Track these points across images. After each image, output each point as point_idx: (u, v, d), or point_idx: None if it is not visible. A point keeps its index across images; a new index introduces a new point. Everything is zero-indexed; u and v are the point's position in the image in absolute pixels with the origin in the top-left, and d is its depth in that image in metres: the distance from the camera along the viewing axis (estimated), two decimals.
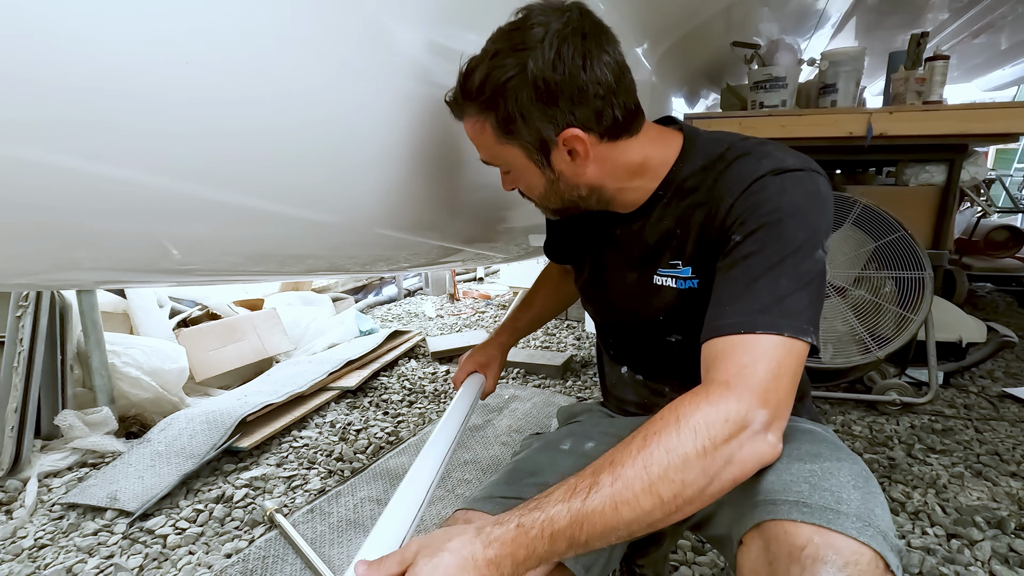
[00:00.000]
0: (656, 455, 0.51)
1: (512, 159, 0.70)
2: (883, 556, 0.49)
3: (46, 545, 1.36)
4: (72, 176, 0.48)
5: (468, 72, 0.65)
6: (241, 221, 0.72)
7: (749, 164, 0.65)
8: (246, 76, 0.55)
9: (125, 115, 0.47)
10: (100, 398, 1.80)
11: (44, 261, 0.68)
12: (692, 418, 0.52)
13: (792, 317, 0.56)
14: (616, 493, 0.50)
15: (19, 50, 0.38)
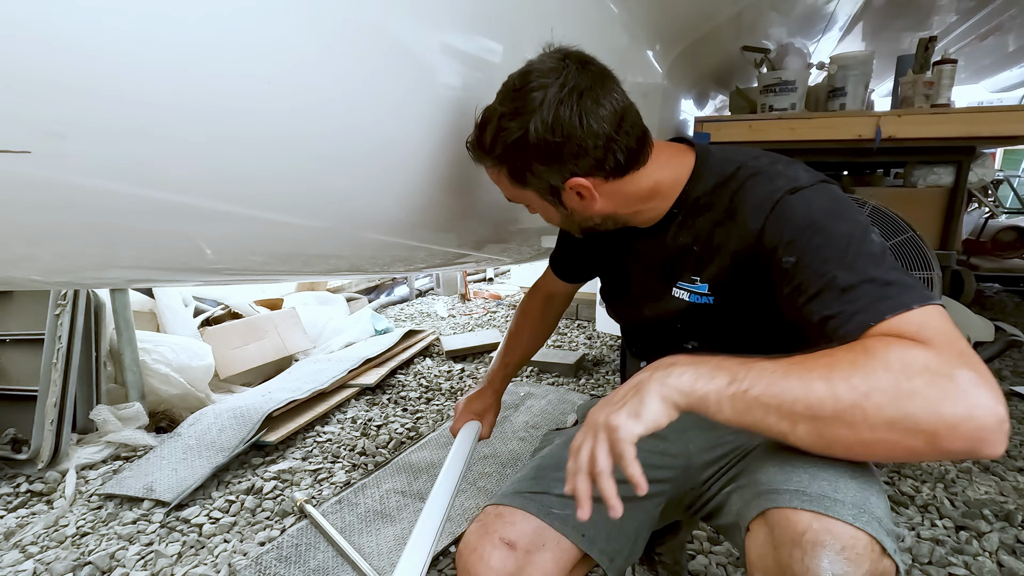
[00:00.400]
0: (838, 368, 0.50)
1: (528, 199, 0.78)
2: (879, 540, 0.52)
3: (88, 533, 1.42)
4: (123, 180, 0.53)
5: (481, 128, 0.73)
6: (276, 223, 0.77)
7: (763, 185, 0.68)
8: (295, 93, 0.60)
9: (180, 125, 0.51)
10: (132, 394, 1.86)
11: (88, 259, 0.72)
12: (881, 351, 0.50)
13: (909, 288, 0.54)
14: (792, 371, 0.51)
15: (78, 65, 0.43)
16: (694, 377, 0.55)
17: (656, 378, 0.57)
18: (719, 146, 0.79)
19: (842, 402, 0.48)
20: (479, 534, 0.73)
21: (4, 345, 1.84)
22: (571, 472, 0.58)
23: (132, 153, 0.50)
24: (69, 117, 0.43)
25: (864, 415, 0.48)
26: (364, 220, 0.88)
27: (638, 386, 0.57)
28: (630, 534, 0.78)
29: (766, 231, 0.66)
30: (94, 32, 0.41)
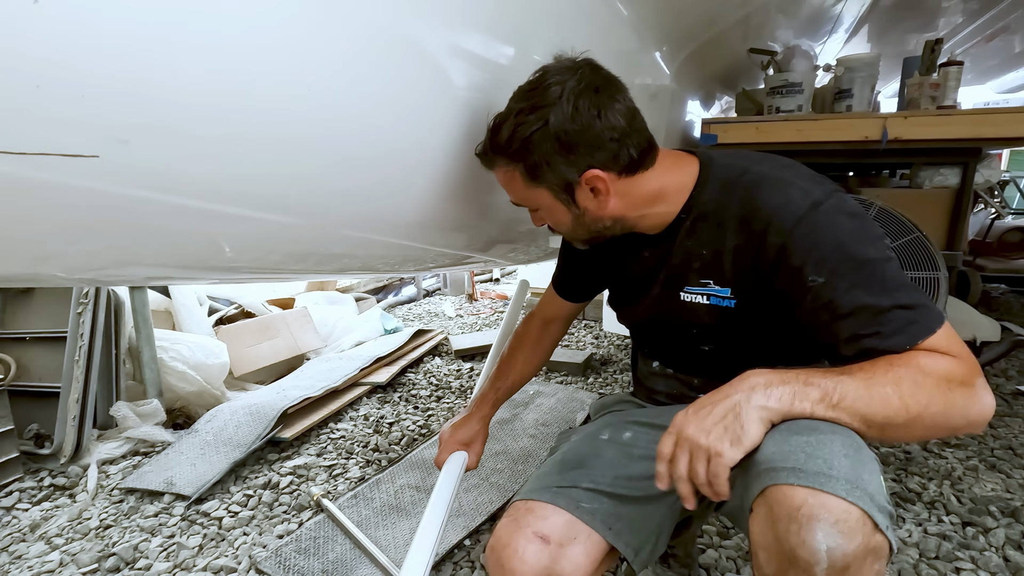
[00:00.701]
0: (904, 384, 0.60)
1: (540, 200, 0.78)
2: (870, 515, 0.55)
3: (110, 526, 1.46)
4: (173, 183, 0.56)
5: (496, 128, 0.75)
6: (299, 224, 0.80)
7: (776, 194, 0.71)
8: (328, 99, 0.63)
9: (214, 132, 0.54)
10: (150, 391, 1.90)
11: (112, 256, 0.75)
12: (930, 368, 0.61)
13: (929, 313, 0.65)
14: (873, 387, 0.61)
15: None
16: (792, 397, 0.61)
17: (755, 400, 0.61)
18: (718, 152, 0.82)
19: (911, 413, 0.60)
20: (511, 529, 0.75)
21: (25, 343, 1.88)
22: (664, 474, 0.64)
23: (184, 157, 0.53)
24: (133, 124, 0.46)
25: (922, 422, 0.60)
26: (384, 221, 0.91)
27: (735, 408, 0.61)
28: (653, 528, 0.80)
29: (792, 247, 0.69)
30: (158, 46, 0.44)
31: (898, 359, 0.62)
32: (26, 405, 1.77)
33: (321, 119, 0.62)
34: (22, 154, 0.41)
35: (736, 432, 0.60)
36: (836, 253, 0.67)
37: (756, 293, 0.75)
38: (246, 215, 0.68)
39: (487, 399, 1.06)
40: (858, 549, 0.54)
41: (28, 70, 0.38)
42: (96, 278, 1.46)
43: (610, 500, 0.79)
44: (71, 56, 0.39)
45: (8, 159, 0.42)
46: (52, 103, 0.40)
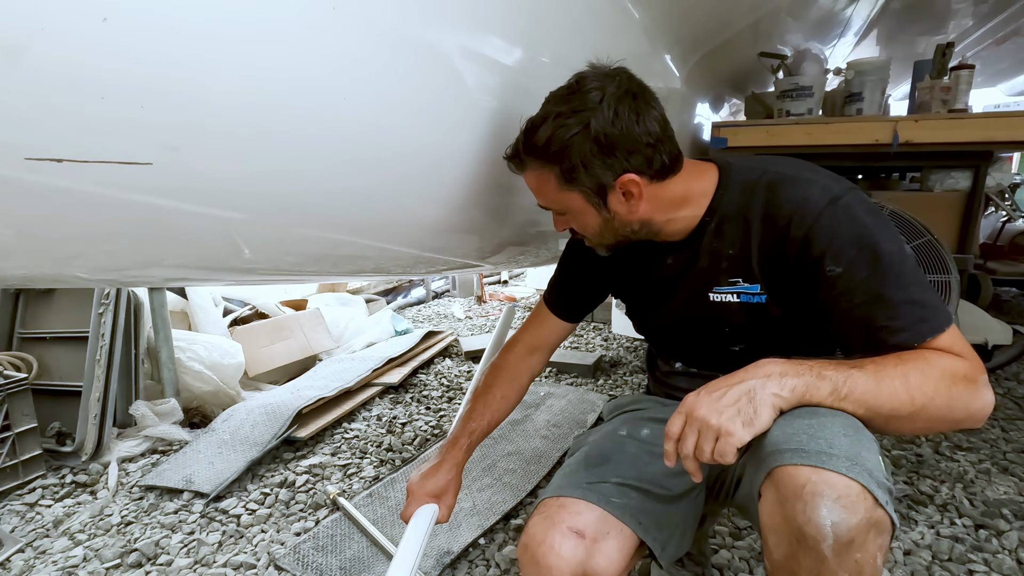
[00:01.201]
0: (911, 376, 0.63)
1: (571, 203, 0.79)
2: (870, 490, 0.57)
3: (132, 522, 1.49)
4: (215, 189, 0.58)
5: (531, 131, 0.76)
6: (325, 226, 0.82)
7: (796, 190, 0.74)
8: (361, 107, 0.65)
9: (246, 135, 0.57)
10: (167, 390, 1.93)
11: (135, 257, 0.76)
12: (936, 362, 0.65)
13: (939, 311, 0.68)
14: (882, 379, 0.64)
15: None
16: (804, 387, 0.64)
17: (770, 387, 0.64)
18: (734, 157, 0.84)
19: (916, 405, 0.63)
20: (545, 525, 0.75)
21: (47, 342, 1.91)
22: (671, 452, 0.66)
23: (225, 162, 0.55)
24: (182, 131, 0.48)
25: (926, 413, 0.63)
26: (411, 224, 0.94)
27: (750, 393, 0.63)
28: (679, 523, 0.83)
29: (812, 239, 0.71)
30: (207, 58, 0.47)
31: (908, 354, 0.66)
32: (48, 403, 1.81)
33: (353, 125, 0.64)
34: (85, 162, 0.43)
35: (749, 415, 0.62)
36: (854, 245, 0.70)
37: (783, 287, 0.77)
38: (277, 218, 0.70)
39: (459, 444, 0.95)
40: (861, 523, 0.56)
41: (95, 83, 0.40)
42: (117, 279, 1.49)
43: (638, 494, 0.81)
44: (133, 69, 0.42)
45: (66, 166, 0.44)
46: (115, 114, 0.43)
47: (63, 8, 0.37)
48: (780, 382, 0.64)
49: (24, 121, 0.39)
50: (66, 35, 0.38)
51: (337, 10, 0.55)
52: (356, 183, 0.71)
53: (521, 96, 0.98)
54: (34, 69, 0.38)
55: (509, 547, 1.36)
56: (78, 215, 0.50)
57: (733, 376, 0.66)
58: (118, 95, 0.42)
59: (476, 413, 0.97)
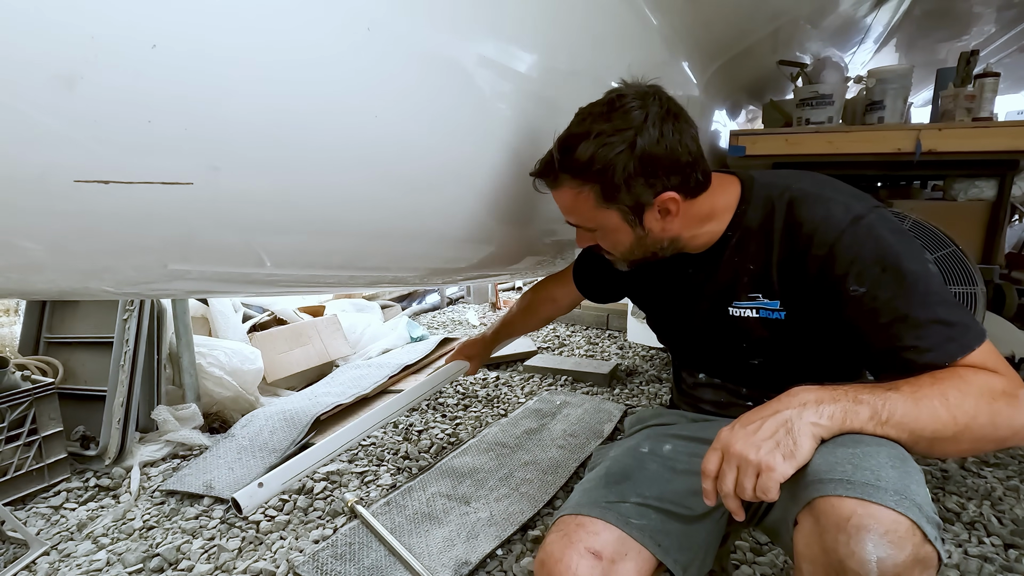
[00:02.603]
0: (950, 395, 0.62)
1: (607, 221, 0.79)
2: (919, 525, 0.55)
3: (153, 527, 1.51)
4: (253, 207, 0.59)
5: (570, 148, 0.75)
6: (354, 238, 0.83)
7: (820, 210, 0.74)
8: (392, 125, 0.66)
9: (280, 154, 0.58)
10: (188, 395, 1.96)
11: (159, 272, 0.78)
12: (974, 380, 0.63)
13: (968, 331, 0.66)
14: (921, 401, 0.62)
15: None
16: (843, 415, 0.62)
17: (807, 416, 0.62)
18: (757, 172, 0.84)
19: (959, 425, 0.61)
20: (563, 544, 0.75)
21: (72, 347, 1.95)
22: (710, 491, 0.64)
23: (261, 182, 0.56)
24: (224, 152, 0.49)
25: (971, 433, 0.61)
26: (433, 238, 0.94)
27: (787, 424, 0.61)
28: (701, 545, 0.81)
29: (836, 258, 0.71)
30: (248, 82, 0.47)
31: (941, 373, 0.64)
32: (73, 407, 1.84)
33: (383, 144, 0.65)
34: (130, 183, 0.44)
35: (789, 447, 0.60)
36: (877, 265, 0.69)
37: (803, 304, 0.77)
38: (308, 234, 0.71)
39: (493, 329, 1.40)
40: (908, 559, 0.54)
41: (143, 108, 0.41)
42: (143, 292, 1.52)
43: (658, 515, 0.80)
44: (179, 93, 0.43)
45: (112, 188, 0.46)
46: (160, 137, 0.44)
47: (116, 36, 0.38)
48: (817, 410, 0.62)
49: (76, 146, 0.41)
50: (118, 62, 0.39)
51: (372, 31, 0.55)
52: (385, 197, 0.72)
53: (543, 107, 0.99)
54: (87, 96, 0.39)
55: (527, 559, 1.35)
56: (118, 233, 0.51)
57: (766, 407, 0.64)
58: (164, 119, 0.43)
59: (505, 323, 1.40)
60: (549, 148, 0.80)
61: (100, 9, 0.37)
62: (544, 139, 1.02)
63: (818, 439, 0.61)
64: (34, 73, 0.37)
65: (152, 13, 0.39)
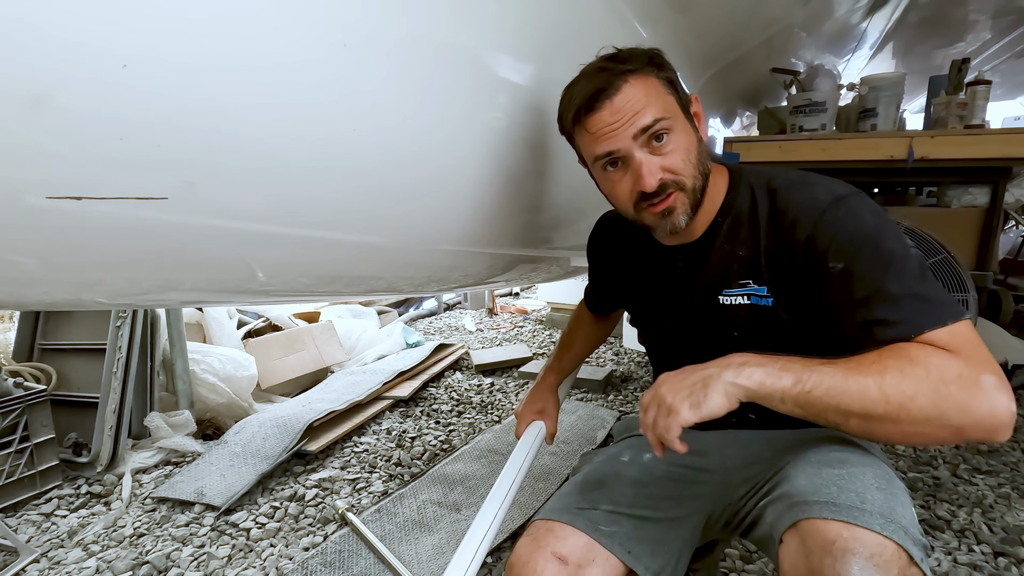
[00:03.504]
0: (888, 374, 0.59)
1: (673, 110, 0.74)
2: (905, 548, 0.55)
3: (144, 534, 1.51)
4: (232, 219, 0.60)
5: (620, 59, 0.75)
6: (340, 246, 0.83)
7: (804, 194, 0.74)
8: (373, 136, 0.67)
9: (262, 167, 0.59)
10: (182, 402, 1.96)
11: (153, 283, 0.78)
12: (921, 359, 0.59)
13: (943, 306, 0.63)
14: (850, 376, 0.60)
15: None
16: (763, 375, 0.62)
17: (727, 375, 0.63)
18: (744, 165, 0.85)
19: (891, 404, 0.58)
20: (531, 548, 0.76)
21: (66, 354, 1.96)
22: (641, 424, 0.69)
23: (240, 194, 0.57)
24: (199, 167, 0.50)
25: (908, 414, 0.57)
26: (420, 248, 0.95)
27: (707, 379, 0.64)
28: (674, 552, 0.81)
29: (817, 237, 0.70)
30: (221, 100, 0.48)
31: (890, 350, 0.61)
32: (67, 414, 1.84)
33: (364, 155, 0.66)
34: (103, 199, 0.44)
35: (699, 399, 0.62)
36: (856, 242, 0.68)
37: (789, 289, 0.76)
38: (289, 245, 0.72)
39: (552, 370, 1.14)
40: None
41: (113, 126, 0.42)
42: (135, 302, 1.53)
43: (630, 522, 0.80)
44: (150, 111, 0.43)
45: (85, 204, 0.46)
46: (132, 154, 0.44)
47: (86, 56, 0.39)
48: (738, 371, 0.63)
49: (47, 164, 0.41)
50: (88, 82, 0.40)
51: (348, 47, 0.56)
52: (367, 207, 0.72)
53: (533, 117, 1.00)
54: (58, 115, 0.39)
55: None
56: (98, 247, 0.52)
57: (703, 364, 0.67)
58: (135, 136, 0.43)
59: (564, 351, 1.18)
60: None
61: (70, 31, 0.38)
62: (535, 145, 1.04)
63: (732, 396, 0.62)
64: (4, 92, 0.37)
65: (123, 34, 0.40)
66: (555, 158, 1.11)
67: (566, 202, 1.29)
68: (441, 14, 0.72)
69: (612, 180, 0.77)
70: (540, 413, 1.07)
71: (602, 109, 0.73)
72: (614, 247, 1.00)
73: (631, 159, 0.74)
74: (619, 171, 0.76)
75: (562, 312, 3.75)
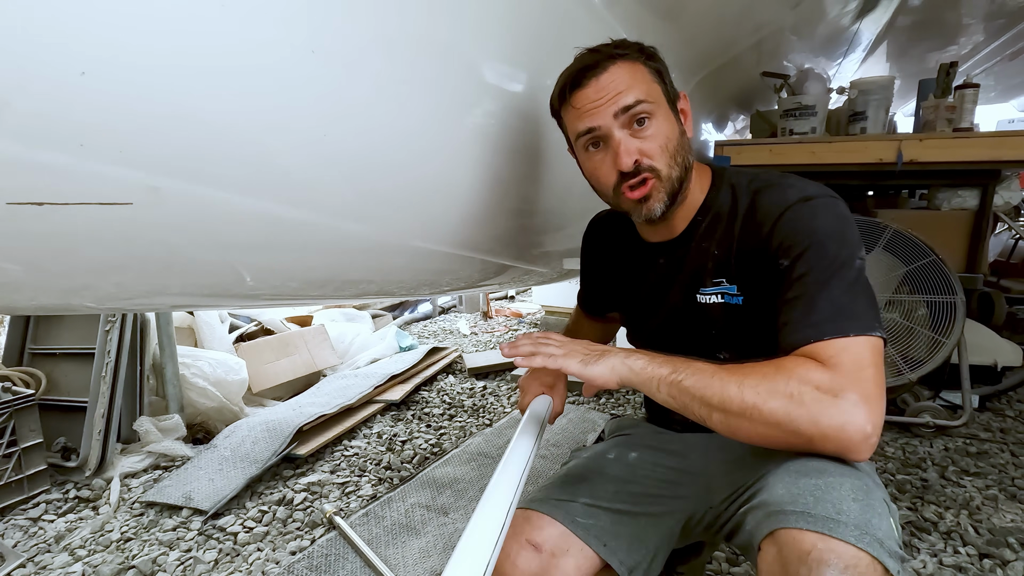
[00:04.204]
0: (751, 376, 0.63)
1: (657, 96, 0.77)
2: (880, 560, 0.55)
3: (131, 539, 1.50)
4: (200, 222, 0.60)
5: (619, 44, 0.78)
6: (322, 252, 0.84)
7: (777, 193, 0.76)
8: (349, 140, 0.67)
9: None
10: (172, 406, 1.96)
11: (141, 288, 0.78)
12: (790, 369, 0.63)
13: (853, 319, 0.65)
14: (718, 374, 0.65)
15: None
16: (646, 363, 0.69)
17: (619, 355, 0.71)
18: (730, 166, 0.86)
19: (746, 403, 0.62)
20: (508, 535, 0.76)
21: (56, 358, 1.96)
22: (531, 339, 0.77)
23: (208, 198, 0.57)
24: (164, 172, 0.50)
25: (760, 414, 0.61)
26: (403, 253, 0.95)
27: (604, 353, 0.72)
28: (650, 548, 0.82)
29: (774, 234, 0.73)
30: (184, 104, 0.49)
31: (768, 362, 0.65)
32: (55, 418, 1.84)
33: (337, 161, 0.66)
34: (65, 205, 0.45)
35: (589, 360, 0.71)
36: (803, 242, 0.70)
37: (756, 288, 0.78)
38: (267, 250, 0.72)
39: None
40: None
41: (73, 132, 0.42)
42: (125, 307, 1.53)
43: (608, 516, 0.81)
44: (111, 118, 0.44)
45: (47, 210, 0.46)
46: (94, 159, 0.44)
47: (43, 64, 0.40)
48: (628, 355, 0.70)
49: (6, 169, 0.41)
50: (46, 89, 0.40)
51: (316, 53, 0.56)
52: (341, 213, 0.73)
53: (520, 120, 1.01)
54: (16, 122, 0.40)
55: None
56: (60, 253, 0.52)
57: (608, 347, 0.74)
58: (96, 142, 0.44)
59: (573, 333, 1.14)
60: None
61: (28, 39, 0.38)
62: (523, 151, 1.05)
63: (616, 373, 0.69)
64: None
65: (82, 42, 0.40)
66: (541, 162, 1.12)
67: (552, 207, 1.29)
68: (417, 20, 0.73)
69: (594, 161, 0.80)
70: (549, 388, 0.95)
71: (588, 86, 0.76)
72: (604, 245, 1.02)
73: (610, 138, 0.76)
74: (600, 152, 0.79)
75: (556, 315, 3.75)
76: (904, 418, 2.01)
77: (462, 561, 0.54)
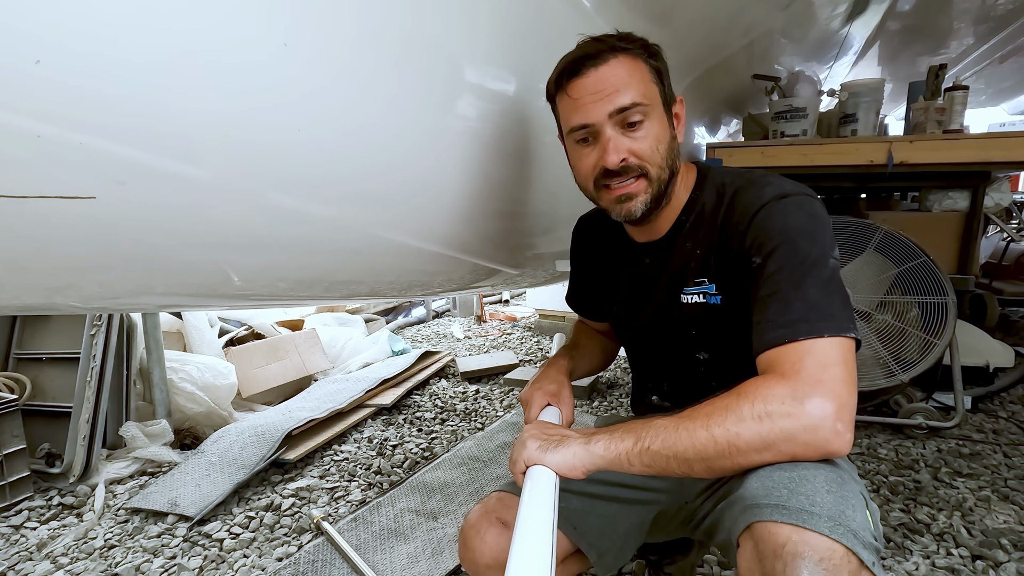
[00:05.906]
0: (715, 415, 0.62)
1: (653, 98, 0.76)
2: (855, 552, 0.55)
3: (115, 546, 1.48)
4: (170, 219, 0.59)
5: (624, 36, 0.76)
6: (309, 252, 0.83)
7: (754, 192, 0.76)
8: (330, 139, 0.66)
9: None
10: (159, 411, 1.94)
11: (124, 287, 0.78)
12: (751, 393, 0.62)
13: (827, 319, 0.64)
14: (681, 425, 0.63)
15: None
16: (608, 441, 0.66)
17: (578, 441, 0.68)
18: (717, 166, 0.86)
19: (720, 443, 0.61)
20: (480, 513, 0.80)
21: (42, 363, 1.93)
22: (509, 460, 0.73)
23: (177, 194, 0.56)
24: (128, 166, 0.49)
25: (739, 449, 0.61)
26: (387, 253, 0.94)
27: (564, 438, 0.69)
28: (620, 535, 0.83)
29: (748, 232, 0.73)
30: (146, 96, 0.47)
31: (724, 395, 0.64)
32: (41, 424, 1.81)
33: (312, 160, 0.65)
34: (23, 198, 0.44)
35: (548, 447, 0.68)
36: (776, 239, 0.70)
37: (733, 288, 0.77)
38: (234, 248, 0.71)
39: (565, 355, 1.00)
40: None
41: (30, 123, 0.41)
42: (111, 307, 1.51)
43: (580, 501, 0.82)
44: (69, 108, 0.43)
45: (11, 202, 0.45)
46: (53, 152, 0.43)
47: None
48: (589, 439, 0.67)
49: None
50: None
51: (288, 46, 0.55)
52: (314, 211, 0.71)
53: (513, 122, 1.00)
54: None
55: None
56: (20, 248, 0.51)
57: (570, 434, 0.71)
58: (54, 133, 0.43)
59: (572, 349, 1.05)
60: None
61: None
62: (512, 153, 1.04)
63: (580, 462, 0.66)
64: None
65: (36, 30, 0.39)
66: (529, 164, 1.11)
67: (541, 208, 1.29)
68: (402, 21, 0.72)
69: (581, 154, 0.80)
70: (554, 396, 0.91)
71: (586, 76, 0.74)
72: (591, 244, 1.02)
73: (601, 135, 0.76)
74: (589, 146, 0.78)
75: (551, 319, 3.74)
76: (897, 420, 2.00)
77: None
